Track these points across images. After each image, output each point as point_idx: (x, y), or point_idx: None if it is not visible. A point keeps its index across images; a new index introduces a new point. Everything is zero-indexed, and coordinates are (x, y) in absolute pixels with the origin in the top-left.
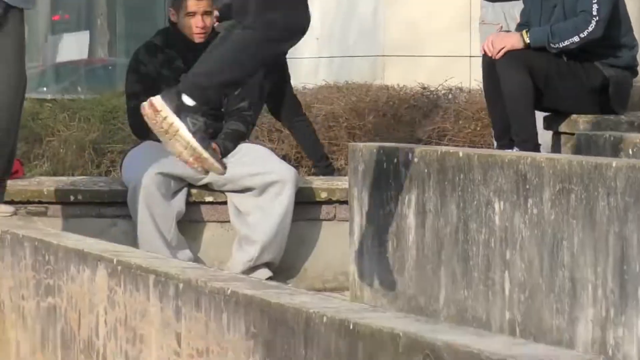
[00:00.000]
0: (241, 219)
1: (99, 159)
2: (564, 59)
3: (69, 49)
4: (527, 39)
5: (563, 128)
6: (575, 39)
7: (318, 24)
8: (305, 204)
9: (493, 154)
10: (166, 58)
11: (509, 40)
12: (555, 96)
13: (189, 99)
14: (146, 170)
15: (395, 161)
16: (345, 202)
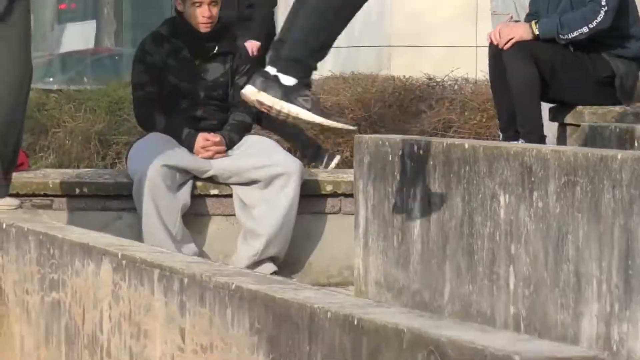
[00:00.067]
0: (246, 212)
1: (104, 150)
2: (571, 49)
3: (75, 39)
4: (536, 30)
5: (569, 119)
6: (585, 30)
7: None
8: (310, 197)
9: (498, 146)
10: (173, 48)
11: (517, 31)
12: (561, 87)
13: (288, 78)
14: (152, 162)
15: (400, 153)
16: (350, 195)
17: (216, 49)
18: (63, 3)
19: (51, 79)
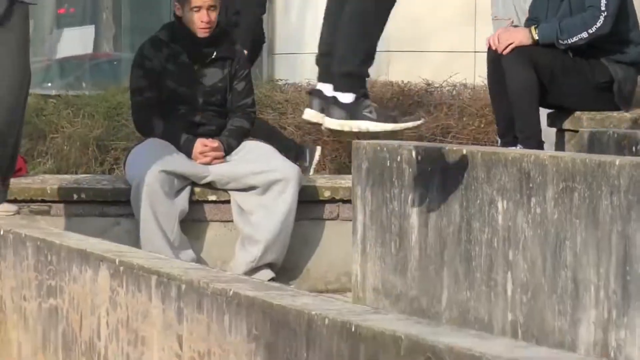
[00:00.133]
0: (244, 217)
1: (102, 156)
2: (570, 55)
3: (74, 43)
4: (536, 35)
5: (567, 125)
6: (584, 35)
7: (322, 20)
8: (308, 202)
9: (496, 152)
10: (171, 53)
11: (517, 36)
12: (560, 92)
13: (346, 95)
14: (150, 168)
15: (398, 159)
16: (348, 201)
17: (215, 54)
18: (62, 7)
19: (49, 84)
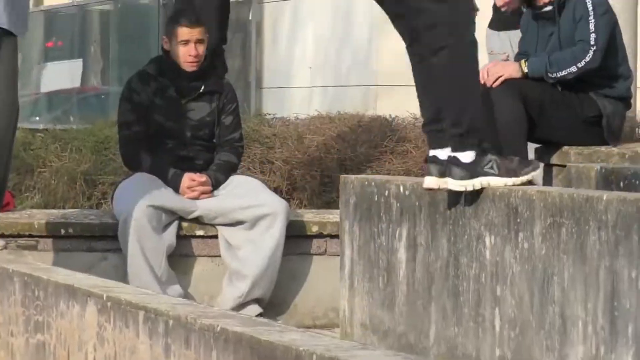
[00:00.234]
0: (232, 252)
1: (90, 190)
2: (559, 88)
3: (62, 77)
4: (525, 68)
5: (554, 160)
6: (573, 69)
7: (311, 53)
8: (296, 237)
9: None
10: (159, 86)
11: (507, 69)
12: (548, 126)
13: (466, 154)
14: (137, 203)
15: (386, 193)
16: (336, 236)
17: (202, 87)
18: (50, 41)
19: (37, 118)
